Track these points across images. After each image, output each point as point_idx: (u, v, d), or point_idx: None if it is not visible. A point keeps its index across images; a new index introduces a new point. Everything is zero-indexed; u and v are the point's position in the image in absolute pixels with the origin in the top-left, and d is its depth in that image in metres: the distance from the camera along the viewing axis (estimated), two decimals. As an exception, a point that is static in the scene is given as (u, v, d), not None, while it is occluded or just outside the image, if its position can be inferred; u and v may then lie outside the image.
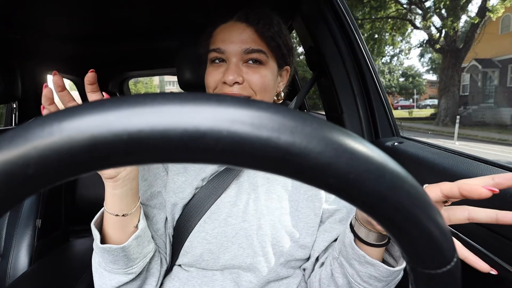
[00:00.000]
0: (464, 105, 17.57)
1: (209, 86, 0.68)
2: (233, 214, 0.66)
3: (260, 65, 0.67)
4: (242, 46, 0.65)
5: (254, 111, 0.15)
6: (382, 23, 15.11)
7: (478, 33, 14.05)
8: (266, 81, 0.67)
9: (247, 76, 0.66)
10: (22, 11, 1.28)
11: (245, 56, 0.66)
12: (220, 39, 0.67)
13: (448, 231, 0.18)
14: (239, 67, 0.66)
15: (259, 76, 0.66)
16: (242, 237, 0.64)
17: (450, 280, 0.20)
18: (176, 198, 0.67)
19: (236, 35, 0.66)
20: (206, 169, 0.69)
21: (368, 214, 0.17)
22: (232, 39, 0.66)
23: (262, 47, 0.66)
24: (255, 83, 0.66)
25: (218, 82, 0.66)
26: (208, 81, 0.69)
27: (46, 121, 0.14)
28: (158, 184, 0.70)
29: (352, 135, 0.16)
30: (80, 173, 0.15)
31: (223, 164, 0.15)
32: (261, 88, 0.66)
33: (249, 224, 0.65)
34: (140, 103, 0.14)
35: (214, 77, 0.67)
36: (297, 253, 0.66)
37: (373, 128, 1.11)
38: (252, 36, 0.66)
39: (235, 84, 0.65)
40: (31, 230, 1.10)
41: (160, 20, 1.53)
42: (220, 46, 0.66)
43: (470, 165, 0.68)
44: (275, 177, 0.69)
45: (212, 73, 0.68)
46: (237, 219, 0.65)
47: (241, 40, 0.66)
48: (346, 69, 1.11)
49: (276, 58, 0.70)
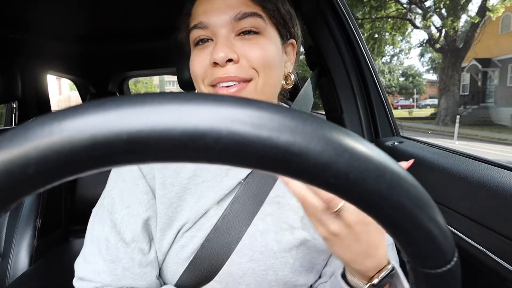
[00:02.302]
0: (464, 104, 17.57)
1: (197, 74, 0.53)
2: (238, 251, 0.54)
3: (258, 35, 0.52)
4: (230, 12, 0.51)
5: (254, 110, 0.15)
6: (382, 22, 15.11)
7: (478, 32, 14.04)
8: (269, 55, 0.52)
9: (243, 51, 0.51)
10: (22, 11, 1.28)
11: (236, 25, 0.51)
12: (200, 11, 0.53)
13: (448, 231, 0.18)
14: (231, 40, 0.51)
15: (259, 48, 0.51)
16: (250, 278, 0.54)
17: (450, 280, 0.20)
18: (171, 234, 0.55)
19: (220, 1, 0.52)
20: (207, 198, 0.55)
21: (368, 213, 0.17)
22: (216, 6, 0.51)
23: (257, 10, 0.52)
24: (255, 59, 0.51)
25: (207, 68, 0.52)
26: (193, 68, 0.53)
27: (46, 121, 0.14)
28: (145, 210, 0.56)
29: (352, 134, 0.16)
30: (80, 172, 0.15)
31: (223, 164, 0.15)
32: (264, 65, 0.51)
33: (258, 264, 0.54)
34: (139, 102, 0.14)
35: (200, 62, 0.52)
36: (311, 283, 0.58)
37: (373, 128, 1.11)
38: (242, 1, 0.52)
39: (228, 63, 0.50)
40: (31, 230, 1.10)
41: (160, 20, 1.53)
42: (201, 20, 0.52)
43: (470, 164, 0.68)
44: (287, 202, 0.57)
45: (197, 58, 0.53)
46: (244, 258, 0.54)
47: (227, 5, 0.51)
48: (346, 69, 1.11)
49: (276, 25, 0.55)
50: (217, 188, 0.55)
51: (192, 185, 0.56)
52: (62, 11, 1.36)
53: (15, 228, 1.09)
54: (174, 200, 0.55)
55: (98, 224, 0.56)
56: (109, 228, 0.54)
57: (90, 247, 0.55)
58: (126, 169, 0.57)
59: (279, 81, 0.57)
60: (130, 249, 0.53)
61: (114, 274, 0.53)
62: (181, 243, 0.54)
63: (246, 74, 0.51)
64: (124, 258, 0.53)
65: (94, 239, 0.55)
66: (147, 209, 0.55)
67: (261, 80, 0.52)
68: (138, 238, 0.54)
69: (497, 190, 0.57)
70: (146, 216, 0.55)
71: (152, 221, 0.56)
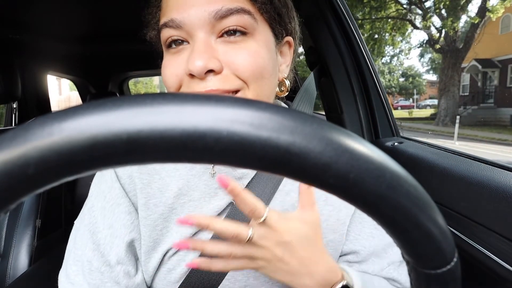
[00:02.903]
0: (464, 105, 17.57)
1: (169, 85, 0.44)
2: (231, 277, 0.50)
3: (246, 37, 0.42)
4: (210, 8, 0.40)
5: (254, 111, 0.15)
6: (382, 23, 15.11)
7: (478, 33, 14.05)
8: (260, 62, 0.42)
9: (227, 58, 0.41)
10: (22, 11, 1.28)
11: (218, 24, 0.41)
12: (172, 6, 0.42)
13: (448, 231, 0.18)
14: (211, 45, 0.41)
15: (247, 53, 0.41)
16: None
17: (450, 280, 0.20)
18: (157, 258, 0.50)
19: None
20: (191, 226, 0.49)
21: (368, 214, 0.17)
22: (190, 2, 0.41)
23: (244, 4, 0.41)
24: (243, 67, 0.41)
25: (182, 77, 0.42)
26: (165, 77, 0.44)
27: (46, 121, 0.14)
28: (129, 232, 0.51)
29: (352, 135, 0.16)
30: (80, 173, 0.15)
31: (223, 164, 0.15)
32: (255, 74, 0.42)
33: (258, 282, 0.50)
34: (139, 103, 0.14)
35: (174, 70, 0.43)
36: None
37: (373, 128, 1.11)
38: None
39: (209, 74, 0.40)
40: (31, 230, 1.10)
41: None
42: (173, 17, 0.41)
43: (470, 165, 0.68)
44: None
45: (170, 64, 0.43)
46: (236, 284, 0.50)
47: (205, 1, 0.40)
48: (346, 69, 1.11)
49: (269, 22, 0.44)
50: (205, 209, 0.49)
51: (178, 205, 0.50)
52: (62, 11, 1.36)
53: (15, 228, 1.09)
54: (159, 222, 0.50)
55: (79, 243, 0.50)
56: (91, 250, 0.49)
57: (73, 266, 0.50)
58: (107, 185, 0.52)
59: (273, 90, 0.47)
60: (115, 273, 0.48)
61: None
62: (168, 267, 0.50)
63: (232, 85, 0.42)
64: (108, 281, 0.48)
65: (77, 257, 0.50)
66: (130, 231, 0.50)
67: (251, 93, 0.43)
68: (123, 260, 0.49)
69: (497, 190, 0.57)
70: (130, 238, 0.50)
71: (137, 243, 0.50)
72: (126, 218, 0.50)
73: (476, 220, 0.60)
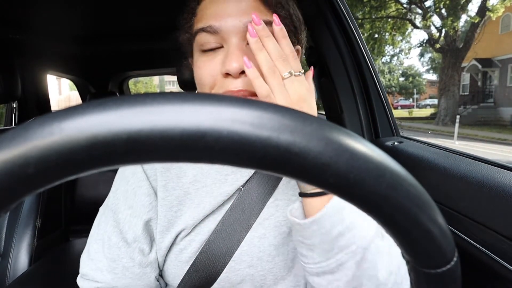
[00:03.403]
0: (464, 104, 17.58)
1: (204, 83, 0.50)
2: (237, 258, 0.53)
3: None
4: (244, 18, 0.47)
5: (254, 110, 0.15)
6: (382, 22, 15.11)
7: (478, 32, 14.05)
8: None
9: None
10: (22, 11, 1.28)
11: None
12: (210, 14, 0.49)
13: (448, 231, 0.18)
14: (243, 49, 0.47)
15: None
16: (249, 284, 0.54)
17: (450, 280, 0.20)
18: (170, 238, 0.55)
19: (233, 5, 0.48)
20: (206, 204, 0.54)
21: (368, 213, 0.17)
22: (228, 11, 0.48)
23: (270, 17, 0.48)
24: None
25: (216, 76, 0.49)
26: (201, 76, 0.50)
27: (46, 121, 0.14)
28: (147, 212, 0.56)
29: (352, 134, 0.16)
30: (80, 172, 0.15)
31: (223, 164, 0.15)
32: None
33: (256, 270, 0.54)
34: (140, 103, 0.14)
35: (210, 70, 0.49)
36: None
37: (373, 128, 1.11)
38: (254, 4, 0.48)
39: (241, 75, 0.47)
40: (31, 230, 1.10)
41: (160, 20, 1.53)
42: (211, 23, 0.48)
43: (470, 164, 0.68)
44: (287, 204, 0.55)
45: (205, 65, 0.49)
46: (242, 264, 0.53)
47: (240, 10, 0.47)
48: (346, 69, 1.11)
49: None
50: (215, 193, 0.55)
51: (193, 190, 0.56)
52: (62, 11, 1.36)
53: (15, 228, 1.09)
54: (174, 204, 0.55)
55: (103, 222, 0.57)
56: (112, 227, 0.55)
57: (94, 244, 0.56)
58: (131, 171, 0.58)
59: None
60: (131, 249, 0.54)
61: (114, 273, 0.54)
62: (180, 247, 0.55)
63: None
64: (124, 257, 0.54)
65: (98, 236, 0.56)
66: (148, 210, 0.55)
67: None
68: (139, 238, 0.54)
69: (497, 190, 0.57)
70: (147, 217, 0.55)
71: (153, 222, 0.56)
72: (146, 200, 0.56)
73: (476, 219, 0.60)
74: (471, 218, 0.61)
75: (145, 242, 0.55)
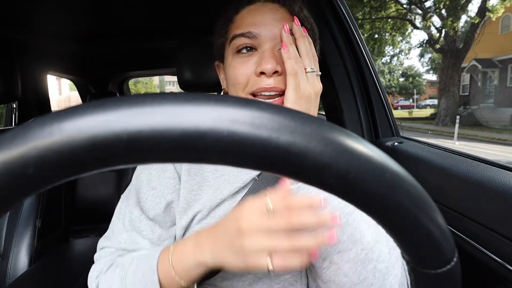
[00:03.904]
0: (464, 105, 17.57)
1: (239, 82, 0.57)
2: None
3: None
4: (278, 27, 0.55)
5: (254, 111, 0.15)
6: (382, 23, 15.11)
7: (478, 33, 14.05)
8: None
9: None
10: (22, 11, 1.28)
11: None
12: (249, 22, 0.57)
13: (448, 231, 0.18)
14: (275, 53, 0.55)
15: None
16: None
17: (450, 280, 0.20)
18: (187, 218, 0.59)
19: (270, 16, 0.57)
20: (223, 190, 0.59)
21: (368, 213, 0.17)
22: (265, 21, 0.56)
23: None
24: None
25: (250, 76, 0.56)
26: (237, 75, 0.57)
27: (46, 121, 0.14)
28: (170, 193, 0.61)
29: (352, 135, 0.16)
30: (80, 173, 0.15)
31: (223, 165, 0.15)
32: None
33: None
34: (140, 103, 0.14)
35: (245, 70, 0.56)
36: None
37: (373, 128, 1.11)
38: (287, 16, 0.57)
39: (274, 75, 0.54)
40: (31, 230, 1.10)
41: (160, 20, 1.53)
42: (251, 30, 0.56)
43: (470, 165, 0.68)
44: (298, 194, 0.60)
45: (241, 66, 0.57)
46: None
47: (276, 19, 0.56)
48: (346, 69, 1.11)
49: None
50: (233, 181, 0.60)
51: (212, 178, 0.61)
52: (62, 11, 1.36)
53: (15, 228, 1.09)
54: (195, 187, 0.60)
55: (125, 202, 0.62)
56: (134, 203, 0.60)
57: (115, 223, 0.61)
58: None
59: None
60: (152, 222, 0.59)
61: (135, 243, 0.58)
62: (195, 229, 0.58)
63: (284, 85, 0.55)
64: (145, 230, 0.58)
65: (120, 216, 0.61)
66: (171, 192, 0.60)
67: None
68: (159, 217, 0.59)
69: (497, 190, 0.57)
70: (171, 198, 0.59)
71: (175, 204, 0.60)
72: (170, 182, 0.60)
73: (476, 219, 0.60)
74: (471, 218, 0.61)
75: (166, 221, 0.60)
